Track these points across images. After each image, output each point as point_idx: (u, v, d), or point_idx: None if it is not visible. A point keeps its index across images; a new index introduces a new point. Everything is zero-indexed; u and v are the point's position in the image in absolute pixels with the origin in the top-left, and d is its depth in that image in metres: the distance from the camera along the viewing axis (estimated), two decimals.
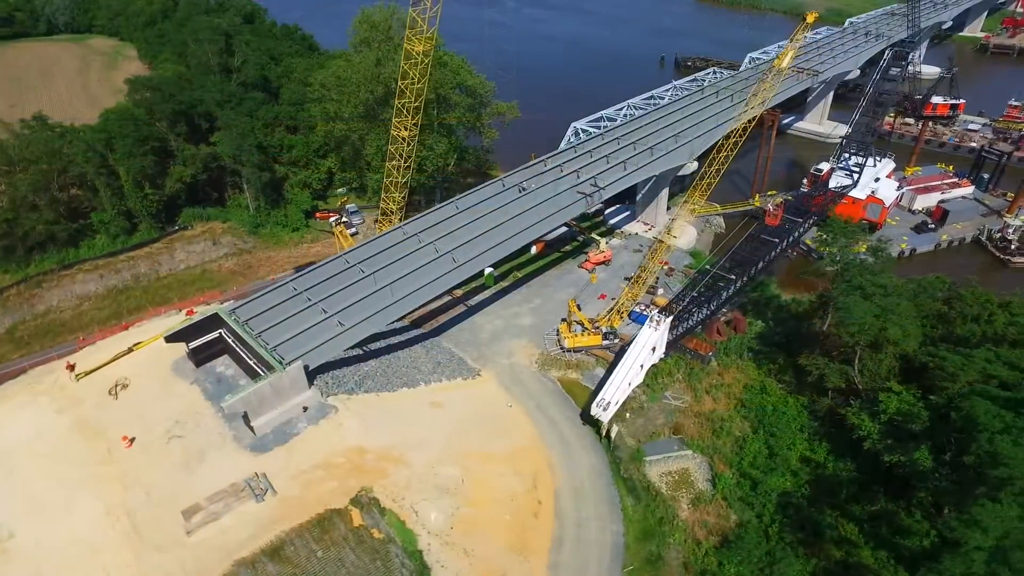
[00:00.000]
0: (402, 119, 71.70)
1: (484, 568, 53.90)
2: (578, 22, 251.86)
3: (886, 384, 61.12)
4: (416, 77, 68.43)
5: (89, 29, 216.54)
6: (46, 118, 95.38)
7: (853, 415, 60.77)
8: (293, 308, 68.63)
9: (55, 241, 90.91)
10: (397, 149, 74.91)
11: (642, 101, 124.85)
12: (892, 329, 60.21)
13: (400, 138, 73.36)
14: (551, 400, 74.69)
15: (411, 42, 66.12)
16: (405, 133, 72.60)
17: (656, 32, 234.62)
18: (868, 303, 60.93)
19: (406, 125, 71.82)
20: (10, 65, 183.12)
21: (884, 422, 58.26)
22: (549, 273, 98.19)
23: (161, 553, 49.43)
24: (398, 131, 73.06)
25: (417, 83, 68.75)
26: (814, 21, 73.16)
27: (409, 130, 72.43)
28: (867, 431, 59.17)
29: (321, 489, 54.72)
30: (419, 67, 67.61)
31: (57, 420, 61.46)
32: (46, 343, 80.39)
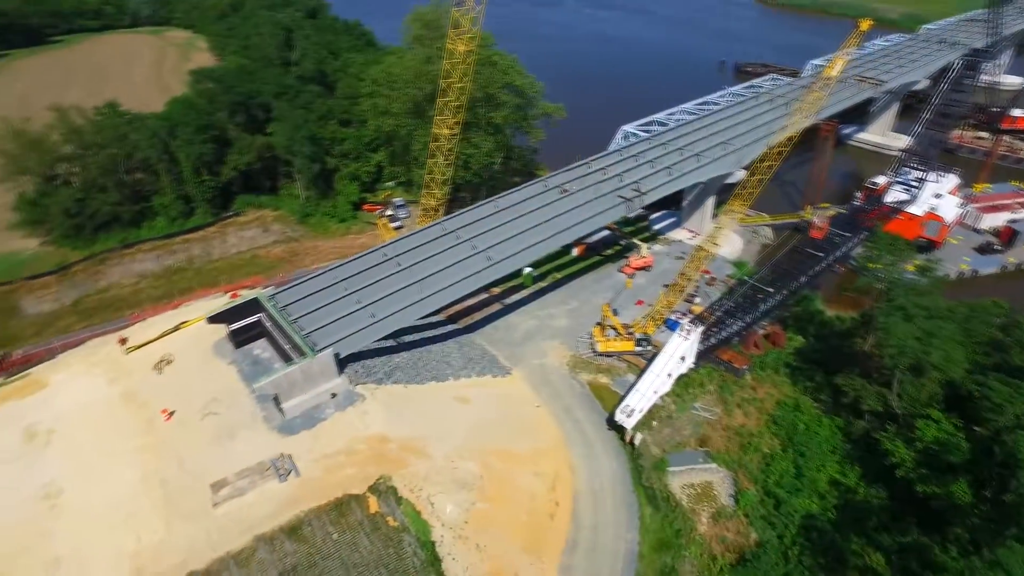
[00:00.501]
0: (444, 117, 72.73)
1: (495, 565, 54.35)
2: (638, 23, 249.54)
3: (925, 411, 58.49)
4: (458, 76, 69.24)
5: (168, 22, 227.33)
6: (117, 106, 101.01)
7: (887, 441, 58.51)
8: (329, 297, 70.69)
9: (119, 221, 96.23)
10: (438, 146, 76.02)
11: (694, 106, 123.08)
12: (935, 354, 57.53)
13: (441, 135, 74.39)
14: (579, 403, 74.55)
15: (454, 41, 66.97)
16: (446, 131, 73.63)
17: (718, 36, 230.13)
18: (909, 325, 58.40)
19: (447, 123, 72.81)
20: (96, 55, 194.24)
21: (920, 450, 55.88)
22: (588, 276, 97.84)
23: (188, 522, 51.87)
24: (439, 129, 74.14)
25: (459, 82, 69.56)
26: (868, 28, 70.45)
27: (450, 128, 73.41)
28: (901, 458, 56.90)
29: (342, 474, 56.27)
30: (461, 67, 68.39)
31: (107, 390, 65.13)
32: (105, 317, 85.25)
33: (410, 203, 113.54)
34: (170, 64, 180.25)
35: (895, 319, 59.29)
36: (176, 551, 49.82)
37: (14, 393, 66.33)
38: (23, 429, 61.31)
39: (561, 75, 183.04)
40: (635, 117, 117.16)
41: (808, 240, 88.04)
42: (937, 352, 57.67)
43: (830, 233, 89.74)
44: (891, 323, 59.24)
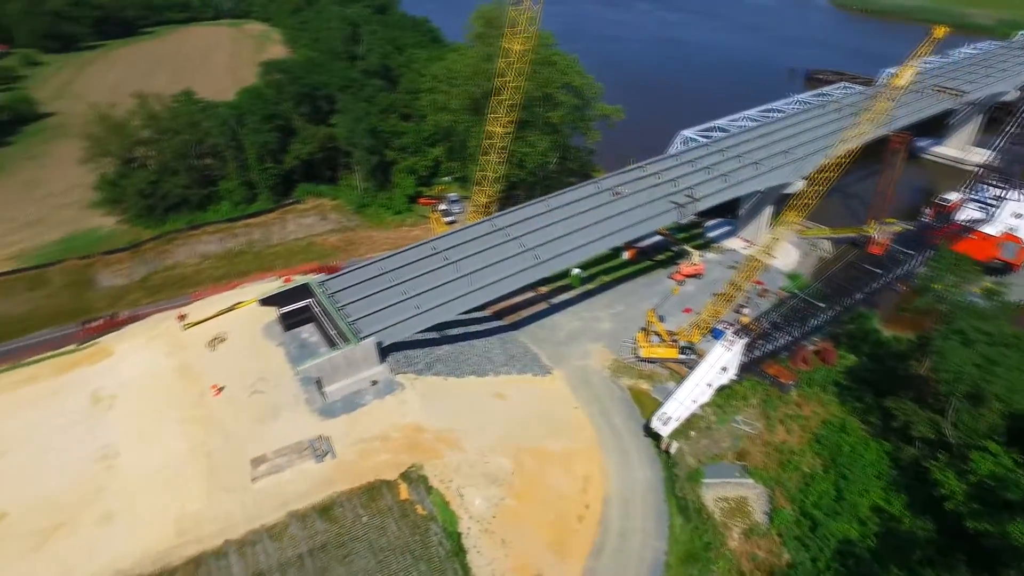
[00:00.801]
0: (498, 115, 73.32)
1: (519, 561, 54.62)
2: (708, 27, 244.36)
3: (982, 443, 55.31)
4: (513, 75, 69.65)
5: (247, 15, 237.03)
6: (192, 94, 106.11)
7: (938, 471, 55.61)
8: (376, 286, 72.45)
9: (187, 204, 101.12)
10: (491, 144, 76.68)
11: (759, 113, 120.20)
12: (996, 383, 54.35)
13: (495, 133, 75.01)
14: (617, 407, 73.95)
15: (510, 40, 67.39)
16: (500, 129, 74.24)
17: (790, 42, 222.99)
18: (968, 350, 55.36)
19: (501, 121, 73.36)
20: (180, 45, 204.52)
21: (973, 484, 52.89)
22: (637, 281, 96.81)
23: (227, 493, 54.22)
24: (493, 126, 74.78)
25: (513, 81, 69.96)
26: (944, 36, 66.97)
27: (504, 126, 73.93)
28: (952, 490, 53.98)
29: (376, 459, 57.62)
30: (516, 66, 68.75)
31: (165, 363, 68.76)
32: (169, 293, 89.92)
33: (464, 199, 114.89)
34: (245, 55, 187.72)
35: (952, 343, 56.32)
36: (215, 519, 52.19)
37: (85, 359, 70.91)
38: (90, 393, 65.47)
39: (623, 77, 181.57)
40: (697, 122, 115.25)
41: (866, 256, 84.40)
42: (999, 381, 54.44)
43: (891, 250, 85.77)
44: (948, 347, 56.30)
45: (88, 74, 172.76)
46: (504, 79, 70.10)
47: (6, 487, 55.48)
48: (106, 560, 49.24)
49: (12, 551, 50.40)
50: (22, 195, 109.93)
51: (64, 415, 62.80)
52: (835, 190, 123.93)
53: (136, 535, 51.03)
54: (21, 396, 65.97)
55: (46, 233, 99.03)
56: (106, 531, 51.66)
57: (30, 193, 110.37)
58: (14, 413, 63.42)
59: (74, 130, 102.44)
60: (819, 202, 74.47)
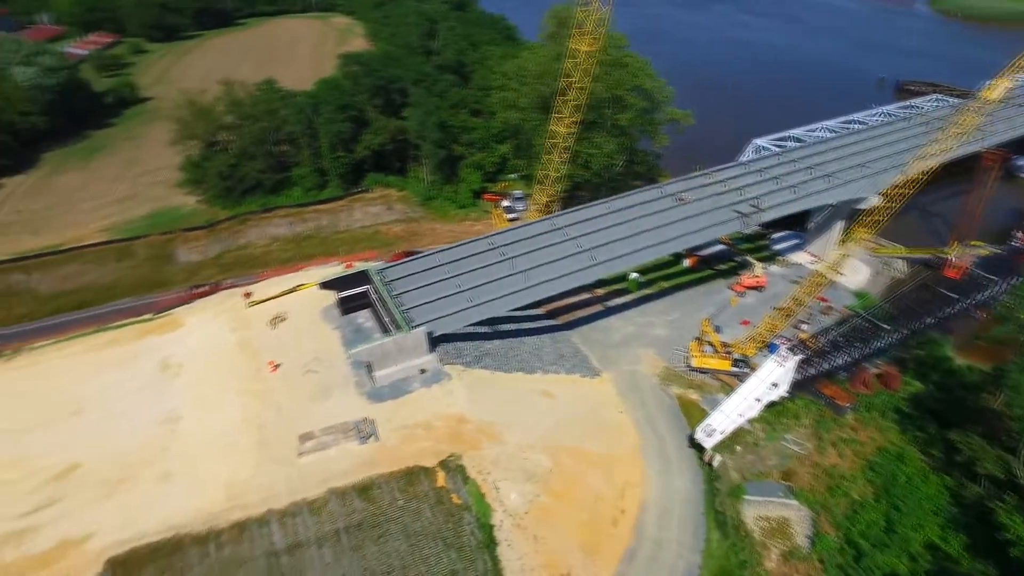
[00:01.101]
0: (562, 115, 73.32)
1: (549, 559, 54.72)
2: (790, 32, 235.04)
3: None
4: (579, 76, 69.46)
5: (333, 8, 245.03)
6: (274, 82, 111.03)
7: (1004, 513, 52.16)
8: (432, 277, 73.93)
9: (262, 187, 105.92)
10: (554, 144, 76.78)
11: (838, 124, 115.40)
12: None
13: (558, 133, 75.07)
14: (664, 415, 72.84)
15: (577, 41, 67.23)
16: (563, 129, 74.22)
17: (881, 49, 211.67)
18: None
19: (565, 122, 73.32)
20: (268, 37, 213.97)
21: None
22: (696, 289, 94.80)
23: (275, 465, 56.77)
24: (557, 126, 74.85)
25: (578, 82, 69.76)
26: None
27: (567, 127, 73.86)
28: (1018, 535, 50.58)
29: (417, 446, 58.96)
30: (582, 67, 68.52)
31: (228, 337, 72.53)
32: (239, 272, 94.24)
33: (529, 196, 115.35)
34: (328, 47, 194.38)
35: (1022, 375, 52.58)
36: (261, 488, 54.77)
37: (159, 328, 75.74)
38: (160, 360, 69.90)
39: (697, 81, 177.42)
40: (772, 131, 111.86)
41: (941, 278, 79.52)
42: None
43: (972, 274, 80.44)
44: (1018, 379, 52.55)
45: (185, 62, 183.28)
46: (570, 79, 69.96)
47: (83, 441, 59.98)
48: (162, 515, 52.54)
49: (83, 498, 54.51)
50: (119, 172, 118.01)
51: (137, 379, 67.31)
52: (918, 208, 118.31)
53: (190, 495, 54.18)
54: (102, 358, 71.13)
55: (136, 208, 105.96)
56: (164, 489, 55.11)
57: (126, 171, 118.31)
58: (95, 374, 68.42)
59: (168, 113, 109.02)
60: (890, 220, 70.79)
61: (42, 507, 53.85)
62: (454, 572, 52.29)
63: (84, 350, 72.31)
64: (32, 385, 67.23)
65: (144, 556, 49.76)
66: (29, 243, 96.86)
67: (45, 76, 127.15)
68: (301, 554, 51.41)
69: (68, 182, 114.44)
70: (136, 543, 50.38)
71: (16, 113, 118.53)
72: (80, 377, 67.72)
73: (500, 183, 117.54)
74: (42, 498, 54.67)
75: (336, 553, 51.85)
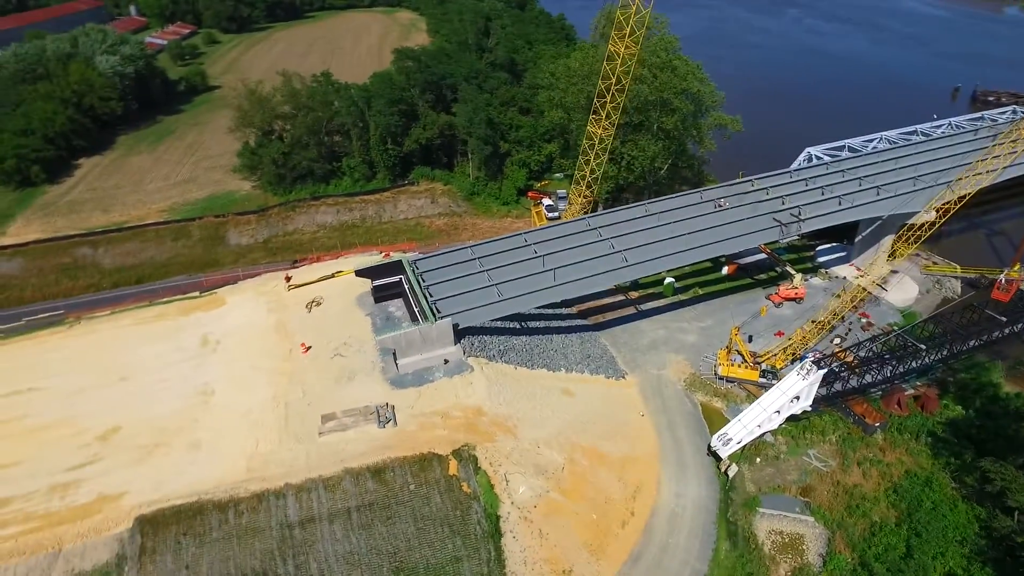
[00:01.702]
0: (599, 117, 73.38)
1: (552, 554, 55.37)
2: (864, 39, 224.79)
3: None
4: (616, 79, 69.38)
5: (400, 3, 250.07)
6: (330, 75, 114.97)
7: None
8: (464, 271, 75.34)
9: (313, 176, 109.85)
10: (591, 145, 76.90)
11: (899, 135, 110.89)
12: None
13: (595, 135, 75.18)
14: (685, 421, 72.26)
15: (615, 44, 67.20)
16: (600, 131, 74.26)
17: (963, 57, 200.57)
18: None
19: (602, 124, 73.37)
20: (334, 30, 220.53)
21: None
22: (732, 297, 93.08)
23: (296, 442, 59.39)
24: (594, 128, 74.97)
25: (616, 84, 69.67)
26: None
27: (604, 129, 73.89)
28: None
29: (432, 434, 60.53)
30: (620, 69, 68.43)
31: (266, 317, 76.05)
32: (285, 256, 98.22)
33: None
34: (391, 41, 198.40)
35: None
36: (281, 463, 57.44)
37: (203, 305, 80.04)
38: (201, 336, 73.95)
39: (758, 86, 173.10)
40: (834, 139, 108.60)
41: (989, 300, 75.50)
42: None
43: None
44: None
45: (254, 53, 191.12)
46: (608, 82, 69.99)
47: (125, 406, 64.25)
48: (189, 481, 55.84)
49: (120, 459, 58.52)
50: (183, 156, 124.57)
51: (178, 352, 71.48)
52: (983, 225, 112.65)
53: (216, 464, 57.36)
54: (150, 330, 75.79)
55: (195, 191, 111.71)
56: (193, 456, 58.52)
57: (189, 155, 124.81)
58: (142, 344, 73.02)
59: (234, 102, 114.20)
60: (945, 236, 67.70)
61: (86, 464, 58.08)
62: (457, 558, 53.63)
63: (135, 322, 77.18)
64: (88, 352, 72.29)
65: (169, 517, 53.06)
66: (99, 219, 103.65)
67: (124, 64, 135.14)
68: (313, 528, 53.75)
69: (138, 163, 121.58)
70: (163, 504, 53.77)
71: (97, 98, 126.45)
72: (129, 347, 72.40)
73: (543, 181, 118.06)
74: (87, 455, 58.98)
75: (346, 530, 53.97)
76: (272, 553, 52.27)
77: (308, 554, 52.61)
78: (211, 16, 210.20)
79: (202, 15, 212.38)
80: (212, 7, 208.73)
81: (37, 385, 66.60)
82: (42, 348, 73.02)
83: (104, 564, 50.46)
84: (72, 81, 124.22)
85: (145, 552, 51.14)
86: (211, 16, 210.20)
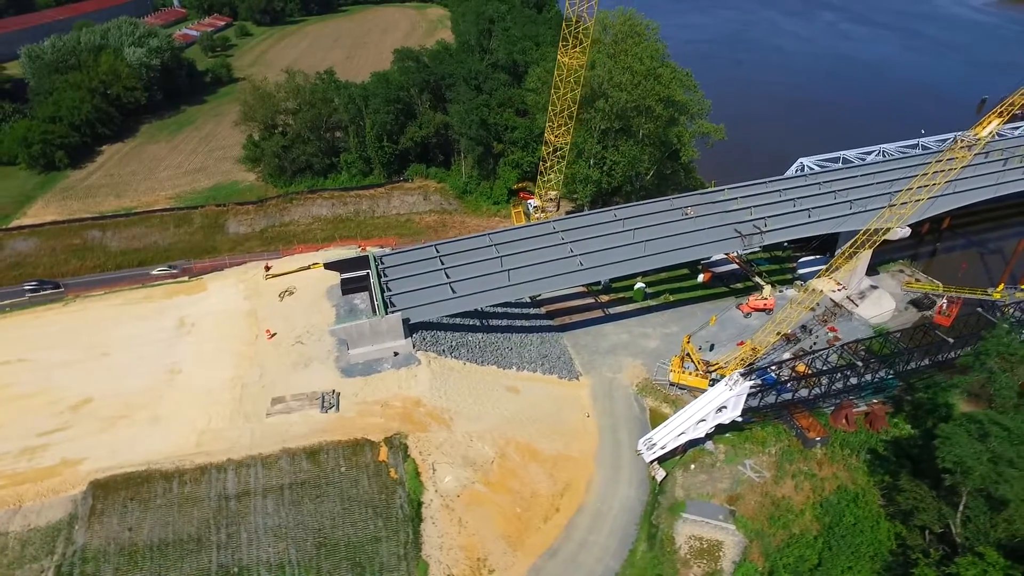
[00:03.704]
0: (552, 125, 75.56)
1: (469, 542, 58.55)
2: (896, 45, 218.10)
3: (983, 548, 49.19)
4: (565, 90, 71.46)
5: None
6: (333, 73, 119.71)
7: (924, 566, 50.52)
8: (425, 268, 78.87)
9: (311, 170, 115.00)
10: (547, 152, 79.11)
11: (897, 148, 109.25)
12: (1004, 487, 47.87)
13: (548, 142, 77.37)
14: (630, 425, 74.25)
15: (563, 54, 69.26)
16: (552, 138, 76.41)
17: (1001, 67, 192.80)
18: (979, 444, 48.98)
19: (555, 132, 75.52)
20: (363, 24, 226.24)
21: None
22: (702, 305, 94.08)
23: (244, 421, 64.08)
24: (548, 135, 77.19)
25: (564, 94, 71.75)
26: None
27: (557, 136, 76.04)
28: None
29: (369, 421, 64.35)
30: (567, 79, 70.49)
31: (240, 304, 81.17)
32: (279, 246, 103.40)
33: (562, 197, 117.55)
34: (416, 37, 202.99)
35: (961, 432, 50.14)
36: (227, 440, 62.17)
37: (187, 290, 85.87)
38: (179, 318, 79.54)
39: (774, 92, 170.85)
40: (845, 148, 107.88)
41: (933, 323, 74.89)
42: (1006, 486, 47.87)
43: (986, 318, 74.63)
44: (955, 435, 50.21)
45: (282, 46, 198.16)
46: (558, 92, 72.20)
47: (100, 379, 70.13)
48: (142, 452, 61.02)
49: (86, 428, 64.21)
50: (198, 146, 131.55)
51: (157, 331, 77.20)
52: (978, 244, 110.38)
53: (169, 438, 62.48)
54: (136, 311, 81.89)
55: (203, 180, 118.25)
56: (151, 429, 63.79)
57: (203, 145, 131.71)
58: (127, 323, 79.13)
59: (242, 96, 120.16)
60: None
61: (56, 430, 63.98)
62: (377, 539, 57.36)
63: (124, 303, 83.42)
64: (77, 328, 78.70)
65: (120, 483, 58.28)
66: (112, 204, 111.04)
67: (150, 56, 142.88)
68: (248, 501, 58.23)
69: (155, 151, 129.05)
70: (116, 471, 59.03)
71: (123, 88, 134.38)
72: (114, 325, 78.51)
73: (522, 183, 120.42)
74: (59, 422, 64.92)
75: (277, 505, 58.29)
76: (208, 522, 56.94)
77: (240, 524, 57.11)
78: (246, 9, 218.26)
79: (238, 8, 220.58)
80: (247, 0, 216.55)
81: (27, 356, 73.18)
82: (39, 322, 79.83)
83: (57, 522, 56.03)
84: (101, 71, 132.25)
85: (94, 513, 56.46)
86: (246, 9, 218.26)
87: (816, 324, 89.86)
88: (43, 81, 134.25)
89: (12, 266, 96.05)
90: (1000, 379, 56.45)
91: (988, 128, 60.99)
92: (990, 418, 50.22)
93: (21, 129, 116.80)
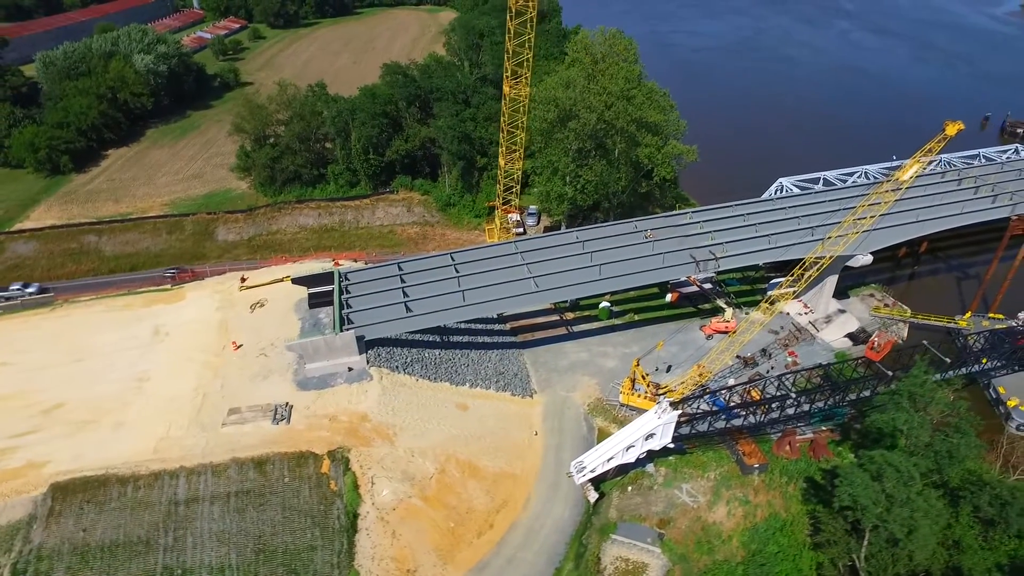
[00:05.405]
0: (504, 149, 78.16)
1: (401, 553, 61.75)
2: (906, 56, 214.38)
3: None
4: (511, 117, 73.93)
5: (445, 3, 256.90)
6: (324, 86, 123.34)
7: None
8: (385, 285, 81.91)
9: (300, 180, 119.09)
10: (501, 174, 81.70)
11: (879, 170, 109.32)
12: (893, 525, 49.49)
13: (499, 166, 79.99)
14: (575, 444, 76.51)
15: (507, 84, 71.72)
16: (502, 162, 79.02)
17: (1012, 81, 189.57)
18: (874, 483, 50.59)
19: (505, 156, 78.10)
20: (374, 28, 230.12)
21: None
22: (667, 326, 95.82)
23: (201, 430, 67.99)
24: (501, 159, 79.81)
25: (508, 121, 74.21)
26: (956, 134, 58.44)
27: (508, 161, 78.58)
28: None
29: (316, 434, 67.85)
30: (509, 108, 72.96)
31: (212, 315, 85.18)
32: (266, 255, 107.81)
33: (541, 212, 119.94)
34: (425, 41, 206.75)
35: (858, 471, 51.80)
36: (182, 448, 66.17)
37: (165, 299, 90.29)
38: (155, 327, 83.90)
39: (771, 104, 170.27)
40: (840, 166, 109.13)
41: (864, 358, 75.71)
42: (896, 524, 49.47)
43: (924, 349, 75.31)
44: (852, 473, 51.88)
45: (291, 50, 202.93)
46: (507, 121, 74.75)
47: (74, 384, 74.69)
48: (103, 457, 65.26)
49: (55, 432, 68.74)
50: (198, 152, 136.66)
51: (132, 339, 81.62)
52: (954, 270, 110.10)
53: (129, 444, 66.67)
54: (115, 318, 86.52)
55: (198, 187, 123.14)
56: (114, 435, 68.05)
57: (203, 151, 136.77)
58: (105, 330, 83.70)
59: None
60: None
61: (27, 433, 68.65)
62: (313, 547, 60.91)
63: (105, 309, 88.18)
64: (59, 333, 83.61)
65: (79, 486, 62.67)
66: (110, 209, 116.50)
67: (158, 62, 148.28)
68: (196, 507, 62.20)
69: (157, 157, 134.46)
70: (76, 474, 63.39)
71: (129, 94, 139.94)
72: (93, 331, 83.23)
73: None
74: (30, 425, 69.58)
75: (223, 511, 62.15)
76: (157, 525, 61.01)
77: (187, 529, 61.09)
78: (260, 12, 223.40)
79: (252, 10, 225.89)
80: (261, 3, 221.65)
81: (7, 360, 78.26)
82: (24, 326, 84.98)
83: (17, 521, 60.57)
84: (109, 78, 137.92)
85: (52, 514, 60.95)
86: (260, 12, 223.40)
87: (777, 348, 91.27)
88: (55, 86, 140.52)
89: (11, 268, 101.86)
90: (912, 419, 57.72)
91: (909, 173, 61.84)
92: (885, 459, 51.76)
93: (29, 134, 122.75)
